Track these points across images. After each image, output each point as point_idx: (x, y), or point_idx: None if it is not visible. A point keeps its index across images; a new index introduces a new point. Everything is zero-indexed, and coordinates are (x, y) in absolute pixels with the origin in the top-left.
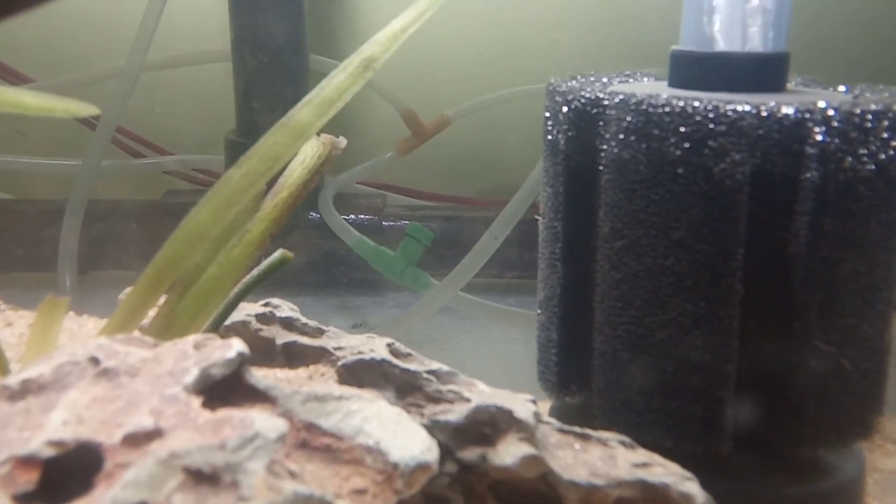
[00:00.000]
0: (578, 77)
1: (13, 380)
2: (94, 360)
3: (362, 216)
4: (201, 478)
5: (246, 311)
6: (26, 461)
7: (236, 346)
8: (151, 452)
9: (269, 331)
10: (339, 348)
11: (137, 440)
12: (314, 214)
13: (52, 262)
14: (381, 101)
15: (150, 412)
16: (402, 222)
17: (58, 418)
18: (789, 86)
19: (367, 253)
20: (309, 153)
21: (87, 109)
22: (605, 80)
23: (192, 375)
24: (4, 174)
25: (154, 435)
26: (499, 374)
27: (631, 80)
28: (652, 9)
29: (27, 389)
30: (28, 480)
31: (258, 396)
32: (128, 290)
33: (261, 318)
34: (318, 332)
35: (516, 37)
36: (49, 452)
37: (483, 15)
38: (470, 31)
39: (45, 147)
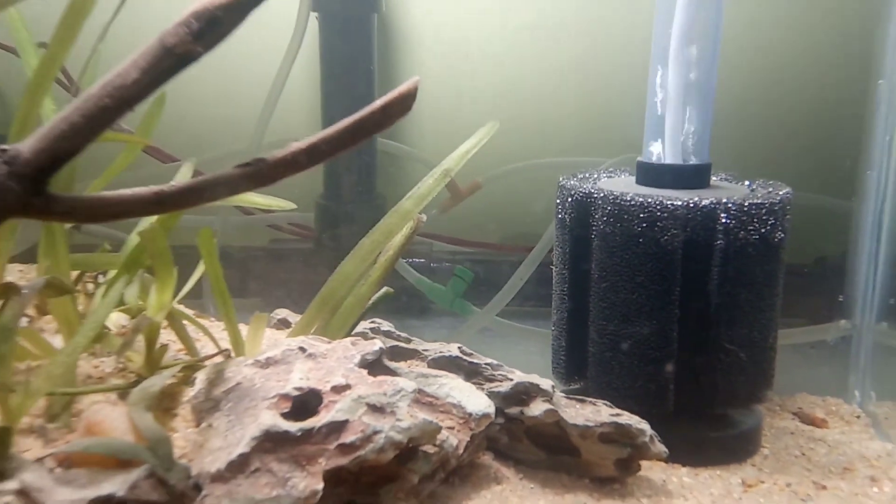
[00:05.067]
0: (578, 175)
1: (260, 358)
2: (302, 349)
3: (415, 259)
4: (375, 409)
5: (362, 325)
6: (284, 397)
7: (379, 343)
8: (348, 395)
9: (378, 339)
10: (426, 350)
11: (339, 389)
12: None
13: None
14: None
15: (342, 376)
16: (446, 264)
17: (296, 377)
18: (713, 181)
19: (426, 288)
20: (404, 227)
21: (286, 205)
22: (596, 175)
23: (357, 359)
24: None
25: (346, 387)
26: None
27: (613, 176)
28: (630, 108)
29: (269, 363)
30: (286, 406)
31: (391, 373)
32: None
33: (373, 330)
34: (408, 340)
35: (528, 122)
36: (295, 393)
37: (504, 105)
38: (494, 117)
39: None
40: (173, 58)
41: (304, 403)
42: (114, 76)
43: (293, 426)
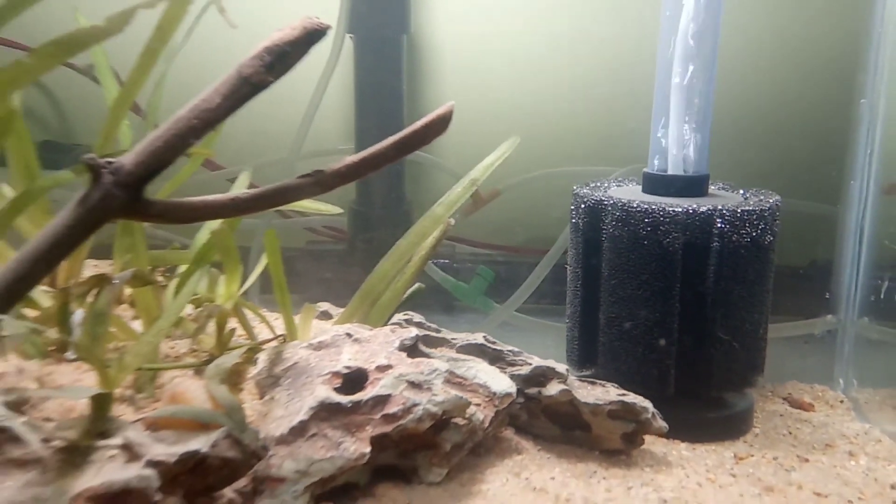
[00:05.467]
0: (590, 183)
1: (313, 342)
2: (349, 335)
3: (440, 260)
4: (414, 385)
5: (396, 317)
6: (336, 374)
7: (415, 330)
8: (390, 374)
9: (413, 327)
10: (454, 339)
11: (382, 368)
12: None
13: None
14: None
15: (384, 357)
16: (468, 265)
17: (345, 358)
18: (712, 190)
19: (451, 286)
20: (436, 230)
21: (333, 209)
22: (606, 184)
23: (397, 343)
24: None
25: (389, 367)
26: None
27: (622, 185)
28: (637, 122)
29: (321, 346)
30: (337, 382)
31: (426, 356)
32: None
33: (406, 321)
34: (438, 330)
35: (544, 134)
36: (345, 371)
37: (522, 118)
38: (512, 129)
39: None
40: (249, 86)
41: (353, 380)
42: (200, 101)
43: (344, 399)
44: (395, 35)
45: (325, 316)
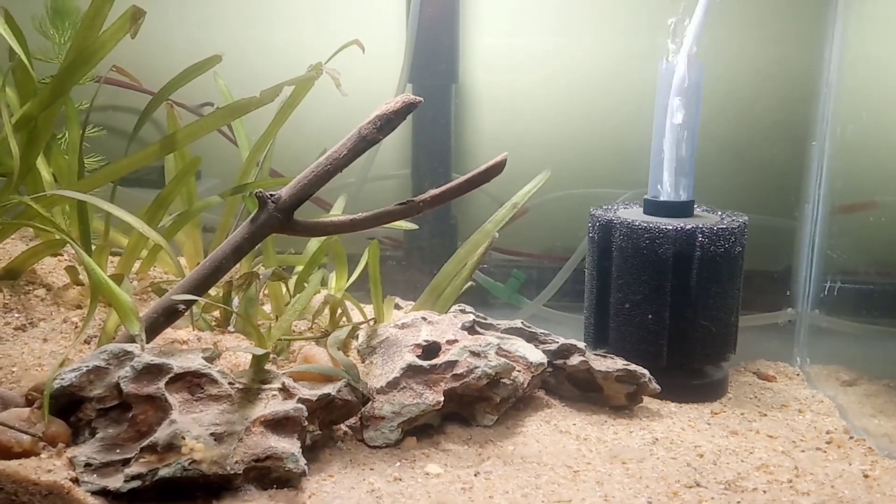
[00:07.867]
0: (603, 206)
1: (398, 323)
2: (424, 318)
3: (481, 265)
4: (475, 353)
5: (453, 308)
6: (417, 345)
7: (472, 316)
8: (457, 345)
9: (470, 314)
10: (499, 324)
11: (451, 342)
12: None
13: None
14: (490, 200)
15: (452, 334)
16: (503, 269)
17: (423, 334)
18: (697, 212)
19: (490, 286)
20: (485, 242)
21: (411, 226)
22: (615, 207)
23: (459, 324)
24: None
25: (455, 341)
26: None
27: (628, 207)
28: (642, 155)
29: (404, 326)
30: (419, 351)
31: (480, 334)
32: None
33: (462, 311)
34: (485, 318)
35: (565, 161)
36: (424, 343)
37: (548, 149)
38: (540, 159)
39: None
40: (365, 142)
41: (430, 350)
42: (333, 151)
43: (425, 362)
44: (445, 84)
45: (396, 307)
